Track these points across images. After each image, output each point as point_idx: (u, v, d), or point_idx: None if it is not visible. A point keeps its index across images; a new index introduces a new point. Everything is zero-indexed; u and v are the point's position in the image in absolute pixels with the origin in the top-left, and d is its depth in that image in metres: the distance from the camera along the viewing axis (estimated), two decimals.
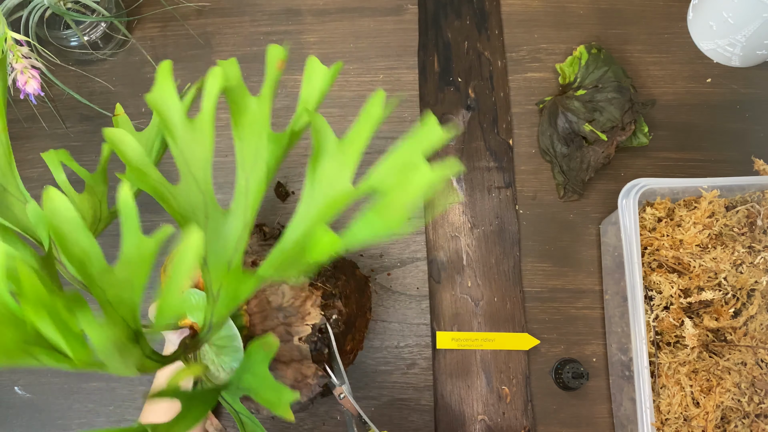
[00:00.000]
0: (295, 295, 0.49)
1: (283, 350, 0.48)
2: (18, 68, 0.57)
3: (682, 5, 0.73)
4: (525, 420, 0.62)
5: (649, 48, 0.71)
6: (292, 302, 0.49)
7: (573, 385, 0.60)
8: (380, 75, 0.71)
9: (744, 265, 0.56)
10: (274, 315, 0.49)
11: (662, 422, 0.55)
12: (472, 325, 0.64)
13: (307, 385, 0.47)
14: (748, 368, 0.55)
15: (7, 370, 0.65)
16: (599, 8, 0.73)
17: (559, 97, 0.67)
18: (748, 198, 0.58)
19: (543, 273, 0.65)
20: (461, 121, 0.69)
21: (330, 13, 0.73)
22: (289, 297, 0.49)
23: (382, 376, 0.63)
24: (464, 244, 0.66)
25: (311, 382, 0.47)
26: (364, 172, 0.72)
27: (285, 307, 0.49)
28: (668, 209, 0.59)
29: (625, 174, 0.68)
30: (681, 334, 0.55)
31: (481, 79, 0.70)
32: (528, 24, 0.72)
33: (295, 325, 0.49)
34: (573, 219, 0.67)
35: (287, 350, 0.48)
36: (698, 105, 0.69)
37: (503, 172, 0.68)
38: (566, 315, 0.64)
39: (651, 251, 0.58)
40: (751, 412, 0.55)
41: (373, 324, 0.65)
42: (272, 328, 0.48)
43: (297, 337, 0.48)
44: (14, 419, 0.64)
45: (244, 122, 0.36)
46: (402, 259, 0.66)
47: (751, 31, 0.64)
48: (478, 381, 0.63)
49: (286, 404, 0.34)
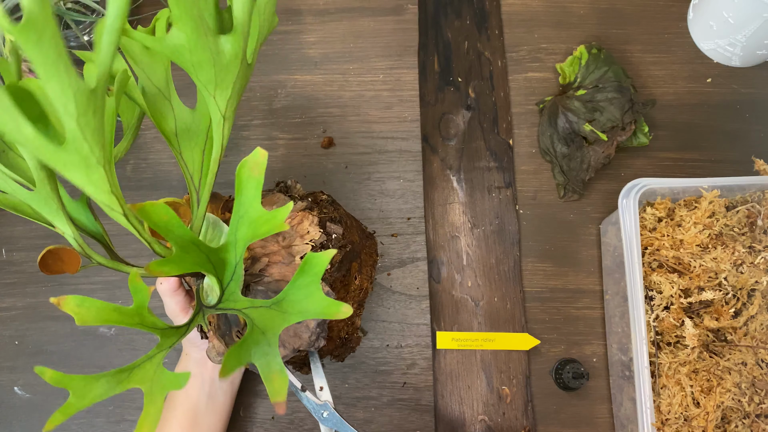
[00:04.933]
0: (290, 216, 0.49)
1: (287, 271, 0.48)
2: None
3: (682, 5, 0.73)
4: (525, 420, 0.62)
5: (649, 48, 0.71)
6: (288, 223, 0.48)
7: (573, 385, 0.60)
8: (380, 75, 0.71)
9: (744, 265, 0.56)
10: (272, 239, 0.48)
11: (662, 422, 0.55)
12: (472, 325, 0.64)
13: None
14: (749, 368, 0.55)
15: (7, 370, 0.65)
16: (599, 8, 0.73)
17: (560, 97, 0.67)
18: (748, 198, 0.58)
19: (543, 273, 0.65)
20: (461, 121, 0.69)
21: (330, 13, 0.73)
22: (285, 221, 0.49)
23: (382, 376, 0.63)
24: (464, 244, 0.66)
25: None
26: (364, 172, 0.72)
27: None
28: (668, 209, 0.59)
29: (625, 174, 0.68)
30: (681, 334, 0.55)
31: (481, 79, 0.70)
32: (528, 24, 0.72)
33: (294, 245, 0.48)
34: (573, 219, 0.67)
35: (291, 271, 0.48)
36: (698, 105, 0.69)
37: (503, 172, 0.68)
38: (566, 315, 0.64)
39: (651, 251, 0.58)
40: (752, 412, 0.55)
41: (373, 324, 0.64)
42: (273, 252, 0.48)
43: (299, 257, 0.48)
44: (14, 419, 0.64)
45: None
46: (402, 259, 0.66)
47: (751, 31, 0.64)
48: (478, 381, 0.62)
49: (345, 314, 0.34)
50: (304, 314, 0.37)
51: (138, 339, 0.65)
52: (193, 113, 0.45)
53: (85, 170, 0.33)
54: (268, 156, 0.36)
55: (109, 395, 0.33)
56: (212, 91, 0.38)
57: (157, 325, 0.37)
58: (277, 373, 0.35)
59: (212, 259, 0.38)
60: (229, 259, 0.38)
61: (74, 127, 0.31)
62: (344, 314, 0.35)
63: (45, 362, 0.65)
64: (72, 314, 0.30)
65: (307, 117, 0.70)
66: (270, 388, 0.35)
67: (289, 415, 0.63)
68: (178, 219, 0.33)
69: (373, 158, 0.69)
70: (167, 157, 0.69)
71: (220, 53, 0.36)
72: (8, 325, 0.66)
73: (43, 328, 0.66)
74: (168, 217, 0.33)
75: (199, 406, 0.54)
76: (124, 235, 0.67)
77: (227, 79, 0.38)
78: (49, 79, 0.29)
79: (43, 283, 0.67)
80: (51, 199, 0.39)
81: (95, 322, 0.32)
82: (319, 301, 0.36)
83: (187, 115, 0.45)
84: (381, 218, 0.67)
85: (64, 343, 0.65)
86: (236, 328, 0.48)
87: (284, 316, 0.37)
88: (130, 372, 0.35)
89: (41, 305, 0.66)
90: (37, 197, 0.39)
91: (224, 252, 0.38)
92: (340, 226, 0.52)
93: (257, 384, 0.63)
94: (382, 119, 0.70)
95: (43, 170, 0.38)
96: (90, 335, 0.65)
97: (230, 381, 0.57)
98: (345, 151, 0.69)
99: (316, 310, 0.36)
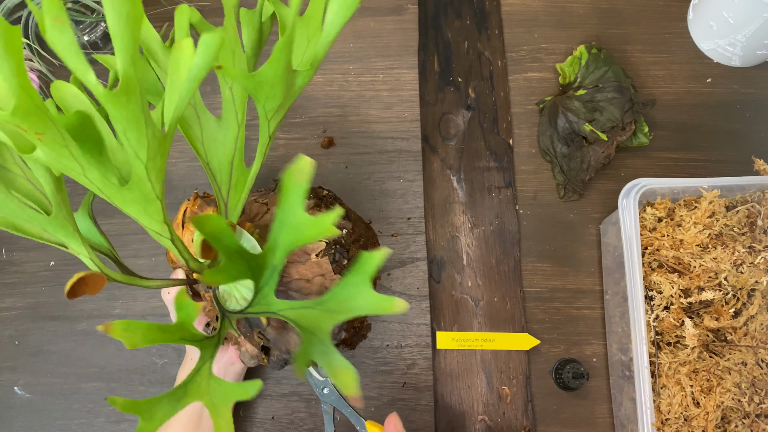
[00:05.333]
0: None
1: (304, 270, 0.49)
2: None
3: (682, 5, 0.73)
4: (525, 420, 0.62)
5: (649, 48, 0.71)
6: None
7: (573, 385, 0.60)
8: (380, 75, 0.71)
9: (744, 265, 0.56)
10: None
11: (662, 422, 0.55)
12: (472, 325, 0.64)
13: None
14: (749, 368, 0.55)
15: (7, 370, 0.65)
16: (599, 8, 0.73)
17: (560, 97, 0.67)
18: (748, 198, 0.58)
19: (543, 273, 0.65)
20: (461, 121, 0.69)
21: None
22: None
23: (382, 376, 0.63)
24: (464, 244, 0.66)
25: None
26: (364, 172, 0.72)
27: None
28: (668, 209, 0.59)
29: (625, 174, 0.68)
30: (681, 334, 0.55)
31: (481, 79, 0.70)
32: (528, 24, 0.72)
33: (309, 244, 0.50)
34: (573, 219, 0.67)
35: (308, 269, 0.49)
36: (698, 105, 0.69)
37: (503, 172, 0.68)
38: (566, 315, 0.64)
39: (651, 251, 0.58)
40: (752, 412, 0.55)
41: (374, 324, 0.64)
42: None
43: (314, 254, 0.49)
44: (14, 419, 0.64)
45: None
46: (402, 259, 0.66)
47: (751, 31, 0.64)
48: (478, 381, 0.62)
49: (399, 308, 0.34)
50: (354, 311, 0.36)
51: None
52: (219, 122, 0.44)
53: (143, 205, 0.35)
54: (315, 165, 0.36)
55: (174, 414, 0.34)
56: (270, 117, 0.39)
57: (196, 338, 0.38)
58: (341, 369, 0.35)
59: (252, 266, 0.38)
60: (267, 265, 0.39)
61: (142, 170, 0.33)
62: (399, 308, 0.34)
63: (45, 362, 0.65)
64: (121, 339, 0.31)
65: (307, 117, 0.70)
66: (340, 384, 0.34)
67: (289, 414, 0.63)
68: (229, 230, 0.34)
69: (373, 158, 0.69)
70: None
71: (292, 86, 0.37)
72: (8, 325, 0.66)
73: (43, 328, 0.66)
74: (220, 228, 0.33)
75: (204, 408, 0.54)
76: (124, 235, 0.67)
77: (286, 106, 0.39)
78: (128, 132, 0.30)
79: (43, 283, 0.67)
80: (67, 222, 0.39)
81: (144, 344, 0.32)
82: (371, 297, 0.35)
83: (213, 124, 0.44)
84: (381, 218, 0.67)
85: (64, 343, 0.65)
86: (257, 330, 0.48)
87: (331, 315, 0.37)
88: (185, 388, 0.35)
89: (41, 305, 0.66)
90: (54, 222, 0.39)
91: (263, 258, 0.38)
92: (349, 221, 0.53)
93: None
94: (382, 119, 0.70)
95: (59, 194, 0.39)
96: (90, 335, 0.65)
97: (234, 381, 0.57)
98: (345, 151, 0.69)
99: (368, 306, 0.36)
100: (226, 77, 0.41)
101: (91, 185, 0.33)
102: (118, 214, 0.67)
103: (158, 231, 0.37)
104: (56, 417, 0.64)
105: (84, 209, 0.47)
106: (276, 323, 0.48)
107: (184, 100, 0.31)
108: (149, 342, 0.33)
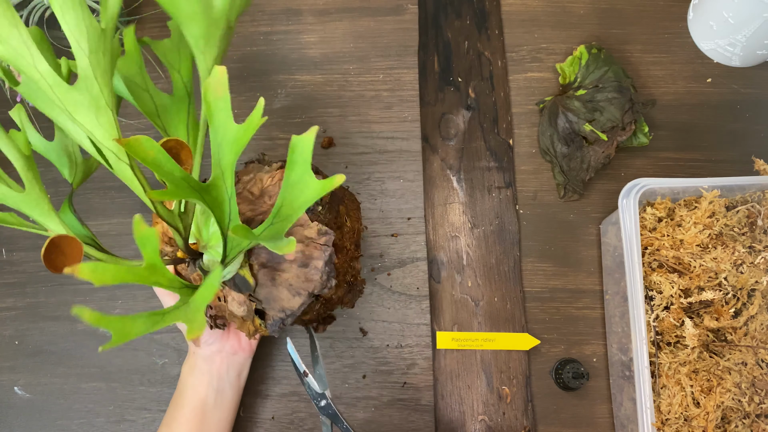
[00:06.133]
0: (270, 175, 0.51)
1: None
2: (15, 71, 0.56)
3: (682, 5, 0.73)
4: (525, 420, 0.62)
5: (649, 48, 0.71)
6: (270, 182, 0.51)
7: (573, 385, 0.60)
8: (380, 75, 0.71)
9: (744, 265, 0.56)
10: (261, 201, 0.50)
11: (662, 422, 0.55)
12: (472, 325, 0.64)
13: (317, 247, 0.48)
14: (749, 368, 0.55)
15: (7, 370, 0.65)
16: (599, 8, 0.73)
17: (560, 97, 0.67)
18: (748, 198, 0.58)
19: (543, 273, 0.65)
20: (461, 121, 0.69)
21: (330, 13, 0.73)
22: (266, 180, 0.51)
23: (382, 376, 0.63)
24: (464, 244, 0.66)
25: (318, 241, 0.48)
26: (364, 172, 0.72)
27: (267, 189, 0.51)
28: (668, 209, 0.59)
29: (625, 174, 0.68)
30: (681, 334, 0.55)
31: (481, 79, 0.70)
32: (528, 24, 0.72)
33: None
34: (573, 219, 0.67)
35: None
36: (698, 105, 0.69)
37: (503, 172, 0.68)
38: (566, 315, 0.64)
39: (651, 251, 0.58)
40: (752, 412, 0.55)
41: (373, 324, 0.64)
42: (264, 211, 0.50)
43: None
44: (14, 419, 0.64)
45: None
46: (402, 259, 0.66)
47: (751, 31, 0.64)
48: (478, 381, 0.63)
49: (339, 180, 0.36)
50: (305, 205, 0.38)
51: (137, 339, 0.65)
52: (171, 97, 0.47)
53: (95, 112, 0.34)
54: (227, 71, 0.36)
55: (149, 332, 0.33)
56: (202, 47, 0.39)
57: (174, 284, 0.38)
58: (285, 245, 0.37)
59: (206, 200, 0.38)
60: (221, 196, 0.39)
61: (86, 64, 0.33)
62: (339, 180, 0.36)
63: (45, 362, 0.65)
64: (88, 279, 0.30)
65: (307, 117, 0.70)
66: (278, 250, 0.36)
67: (289, 414, 0.63)
68: (167, 155, 0.34)
69: (373, 158, 0.69)
70: None
71: (211, 7, 0.37)
72: (8, 325, 0.66)
73: (43, 328, 0.66)
74: (155, 152, 0.33)
75: (208, 402, 0.54)
76: (124, 235, 0.67)
77: (215, 35, 0.38)
78: (66, 12, 0.31)
79: (43, 283, 0.67)
80: (42, 200, 0.40)
81: (113, 282, 0.32)
82: (315, 185, 0.37)
83: (166, 98, 0.47)
84: (381, 218, 0.67)
85: (64, 343, 0.65)
86: (248, 293, 0.48)
87: (289, 218, 0.38)
88: (163, 315, 0.35)
89: (41, 305, 0.66)
90: (28, 199, 0.39)
91: (215, 188, 0.39)
92: (320, 175, 0.53)
93: (257, 384, 0.63)
94: (382, 119, 0.70)
95: (30, 172, 0.39)
96: (90, 335, 0.65)
97: (237, 374, 0.57)
98: (345, 151, 0.69)
99: (315, 193, 0.37)
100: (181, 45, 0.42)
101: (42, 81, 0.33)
102: (118, 214, 0.67)
103: (114, 150, 0.37)
104: (56, 417, 0.64)
105: (66, 205, 0.47)
106: (264, 280, 0.48)
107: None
108: (119, 280, 0.32)
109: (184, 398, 0.54)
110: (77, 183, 0.49)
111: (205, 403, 0.54)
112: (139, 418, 0.63)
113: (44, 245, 0.37)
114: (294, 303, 0.48)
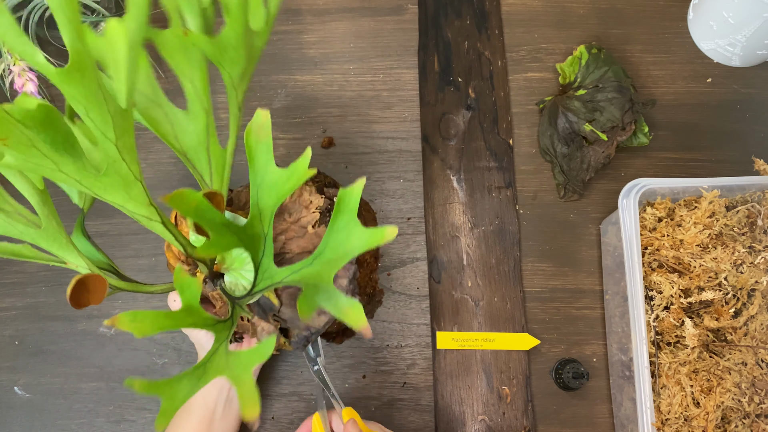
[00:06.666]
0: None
1: (304, 243, 0.49)
2: (16, 71, 0.57)
3: (682, 5, 0.73)
4: (525, 420, 0.62)
5: (649, 48, 0.71)
6: (288, 200, 0.50)
7: (573, 385, 0.60)
8: (380, 75, 0.71)
9: (744, 265, 0.56)
10: (280, 219, 0.50)
11: (662, 422, 0.55)
12: (472, 325, 0.64)
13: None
14: (749, 368, 0.55)
15: (7, 370, 0.65)
16: (599, 8, 0.73)
17: (560, 97, 0.67)
18: (748, 198, 0.58)
19: (543, 273, 0.65)
20: (461, 121, 0.69)
21: (330, 13, 0.73)
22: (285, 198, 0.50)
23: (382, 376, 0.63)
24: (464, 244, 0.66)
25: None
26: (366, 172, 0.72)
27: (286, 206, 0.50)
28: (668, 209, 0.59)
29: (625, 174, 0.68)
30: (681, 334, 0.55)
31: (481, 79, 0.70)
32: (528, 24, 0.72)
33: (302, 217, 0.49)
34: (573, 219, 0.67)
35: (307, 241, 0.49)
36: (698, 105, 0.69)
37: (503, 172, 0.68)
38: (566, 315, 0.64)
39: (651, 251, 0.58)
40: (752, 412, 0.55)
41: (374, 324, 0.64)
42: (285, 230, 0.49)
43: (310, 227, 0.49)
44: (14, 419, 0.64)
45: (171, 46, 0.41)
46: (402, 259, 0.66)
47: (751, 31, 0.64)
48: (478, 381, 0.63)
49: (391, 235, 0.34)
50: (350, 253, 0.36)
51: (137, 339, 0.65)
52: (187, 114, 0.45)
53: (124, 189, 0.34)
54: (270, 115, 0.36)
55: (195, 392, 0.33)
56: (236, 83, 0.38)
57: (208, 322, 0.37)
58: (348, 307, 0.35)
59: (242, 238, 0.37)
60: (257, 233, 0.38)
61: (114, 151, 0.32)
62: (391, 235, 0.33)
63: (45, 362, 0.65)
64: (129, 330, 0.30)
65: (307, 117, 0.70)
66: (350, 321, 0.34)
67: (289, 414, 0.63)
68: (207, 202, 0.33)
69: (373, 158, 0.69)
70: (167, 156, 0.69)
71: (252, 47, 0.37)
72: (8, 325, 0.66)
73: (43, 328, 0.66)
74: (196, 202, 0.33)
75: (216, 411, 0.54)
76: (124, 235, 0.67)
77: (250, 71, 0.38)
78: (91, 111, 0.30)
79: (43, 283, 0.67)
80: (59, 234, 0.39)
81: (153, 332, 0.32)
82: (362, 233, 0.35)
83: (182, 117, 0.44)
84: (381, 218, 0.67)
85: (64, 343, 0.65)
86: (271, 313, 0.48)
87: (330, 264, 0.37)
88: (204, 367, 0.35)
89: (41, 305, 0.66)
90: (45, 234, 0.39)
91: (251, 227, 0.38)
92: (336, 189, 0.53)
93: (258, 384, 0.63)
94: (382, 119, 0.70)
95: (45, 207, 0.38)
96: (90, 335, 0.65)
97: None
98: (345, 151, 0.69)
99: (362, 243, 0.35)
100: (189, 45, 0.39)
101: (68, 179, 0.32)
102: (118, 214, 0.67)
103: (147, 215, 0.36)
104: (56, 417, 0.64)
105: (78, 230, 0.46)
106: (288, 300, 0.48)
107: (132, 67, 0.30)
108: (158, 329, 0.32)
109: (192, 408, 0.54)
110: (87, 207, 0.47)
111: (214, 413, 0.54)
112: (139, 418, 0.63)
113: (71, 285, 0.36)
114: (319, 321, 0.47)
